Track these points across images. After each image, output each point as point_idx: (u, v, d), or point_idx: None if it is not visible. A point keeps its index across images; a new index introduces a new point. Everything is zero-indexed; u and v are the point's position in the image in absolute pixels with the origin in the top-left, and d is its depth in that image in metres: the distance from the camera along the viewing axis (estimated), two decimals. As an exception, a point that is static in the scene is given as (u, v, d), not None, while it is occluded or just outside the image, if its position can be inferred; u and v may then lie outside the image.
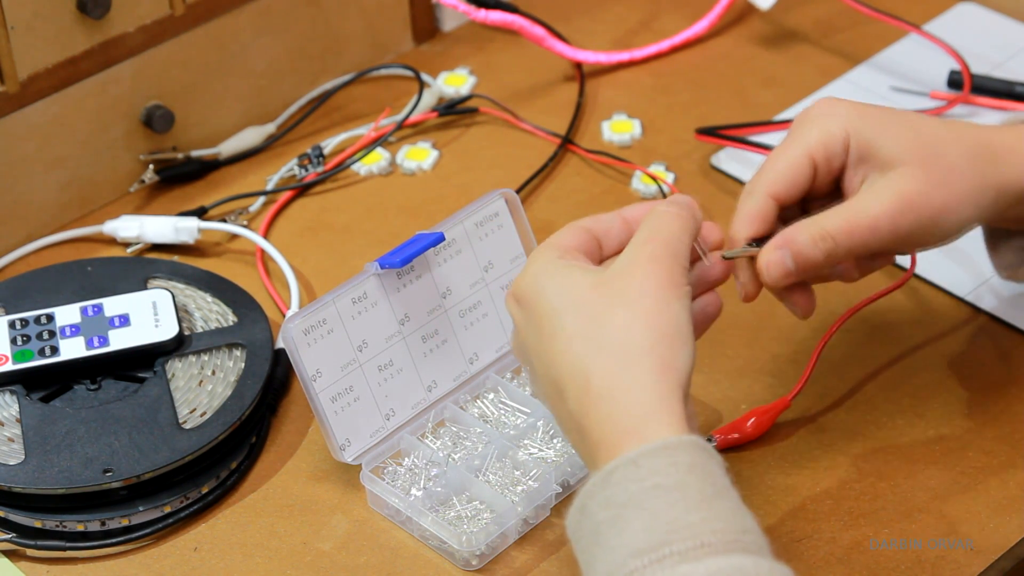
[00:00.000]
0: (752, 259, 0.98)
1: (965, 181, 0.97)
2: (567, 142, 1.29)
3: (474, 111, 1.33)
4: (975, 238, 1.09)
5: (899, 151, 0.97)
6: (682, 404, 0.87)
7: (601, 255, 0.95)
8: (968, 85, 1.27)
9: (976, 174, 0.97)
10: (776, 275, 0.96)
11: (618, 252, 0.94)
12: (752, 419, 1.05)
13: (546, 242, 0.94)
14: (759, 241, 0.97)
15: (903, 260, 1.15)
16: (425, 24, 1.39)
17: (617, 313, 0.88)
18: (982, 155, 0.98)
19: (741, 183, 1.24)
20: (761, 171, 0.99)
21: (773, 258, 0.95)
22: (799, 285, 0.99)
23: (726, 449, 1.05)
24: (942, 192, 0.96)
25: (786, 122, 1.27)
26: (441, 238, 1.05)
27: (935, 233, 0.97)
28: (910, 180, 0.96)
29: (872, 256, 1.00)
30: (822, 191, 1.00)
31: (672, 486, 0.83)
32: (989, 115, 1.28)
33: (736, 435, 1.05)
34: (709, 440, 1.04)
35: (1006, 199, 0.99)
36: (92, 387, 1.07)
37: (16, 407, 1.06)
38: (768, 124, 1.28)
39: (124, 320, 1.09)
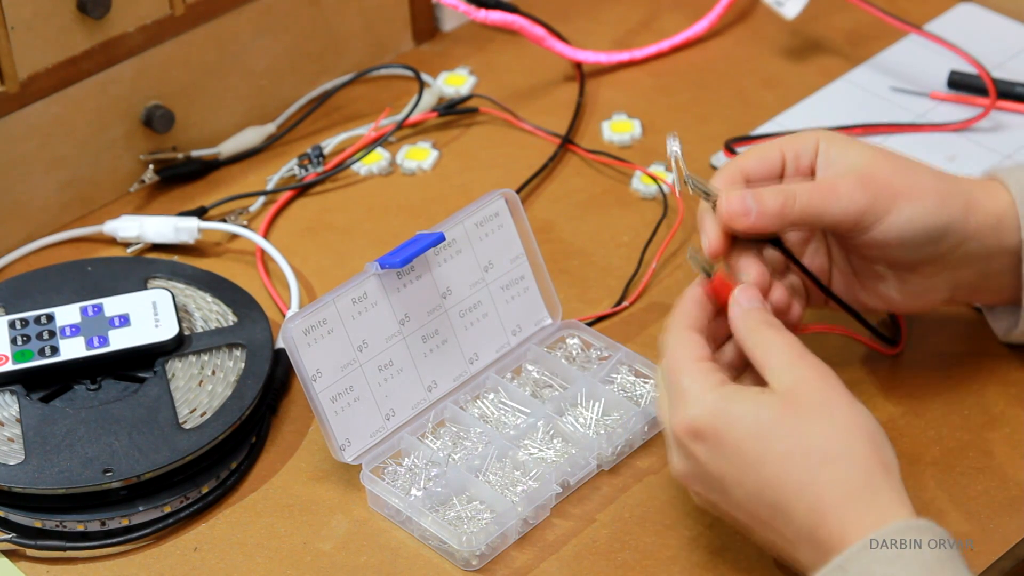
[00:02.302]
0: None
1: (930, 179, 1.01)
2: (567, 142, 1.29)
3: (474, 111, 1.33)
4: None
5: (865, 156, 1.02)
6: (904, 491, 0.90)
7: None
8: (993, 91, 1.27)
9: (942, 181, 1.02)
10: (735, 207, 0.99)
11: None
12: None
13: (683, 366, 0.95)
14: None
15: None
16: (425, 24, 1.39)
17: (819, 425, 0.91)
18: (947, 178, 1.03)
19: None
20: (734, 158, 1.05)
21: (734, 195, 0.99)
22: (752, 252, 1.01)
23: None
24: (906, 179, 1.00)
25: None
26: (441, 238, 1.05)
27: (897, 216, 1.00)
28: (876, 162, 1.01)
29: (829, 248, 1.05)
30: None
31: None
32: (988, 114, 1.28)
33: None
34: None
35: (975, 226, 1.01)
36: (92, 387, 1.07)
37: (16, 407, 1.06)
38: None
39: (124, 320, 1.09)
